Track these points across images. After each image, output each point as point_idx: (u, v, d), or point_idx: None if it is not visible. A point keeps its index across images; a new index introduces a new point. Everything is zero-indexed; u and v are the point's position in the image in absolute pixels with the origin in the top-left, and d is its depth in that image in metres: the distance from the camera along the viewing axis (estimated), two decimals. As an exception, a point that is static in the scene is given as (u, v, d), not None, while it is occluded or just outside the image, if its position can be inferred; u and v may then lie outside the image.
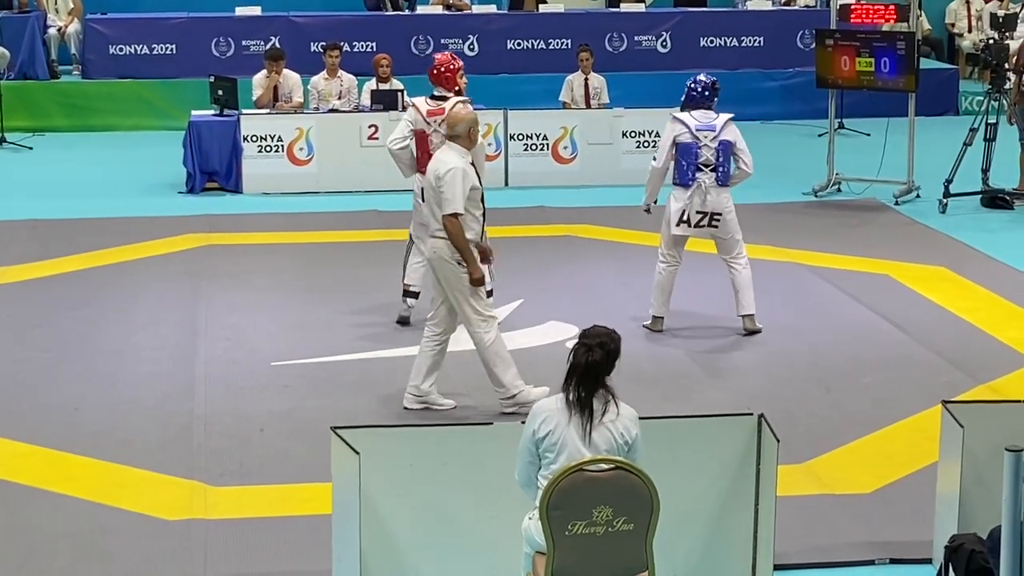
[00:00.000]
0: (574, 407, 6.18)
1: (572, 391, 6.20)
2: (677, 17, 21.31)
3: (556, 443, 6.16)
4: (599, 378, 6.21)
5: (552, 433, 6.17)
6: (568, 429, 6.17)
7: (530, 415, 6.29)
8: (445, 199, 9.20)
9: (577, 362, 6.20)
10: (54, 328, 11.35)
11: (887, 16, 16.19)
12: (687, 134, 11.11)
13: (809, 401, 9.87)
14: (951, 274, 12.89)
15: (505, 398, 9.49)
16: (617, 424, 6.22)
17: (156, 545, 7.72)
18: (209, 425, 9.37)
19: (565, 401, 6.21)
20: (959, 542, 6.91)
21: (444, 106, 10.72)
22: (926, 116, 18.65)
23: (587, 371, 6.18)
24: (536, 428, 6.21)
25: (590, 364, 6.18)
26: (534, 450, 6.24)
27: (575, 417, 6.18)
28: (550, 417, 6.21)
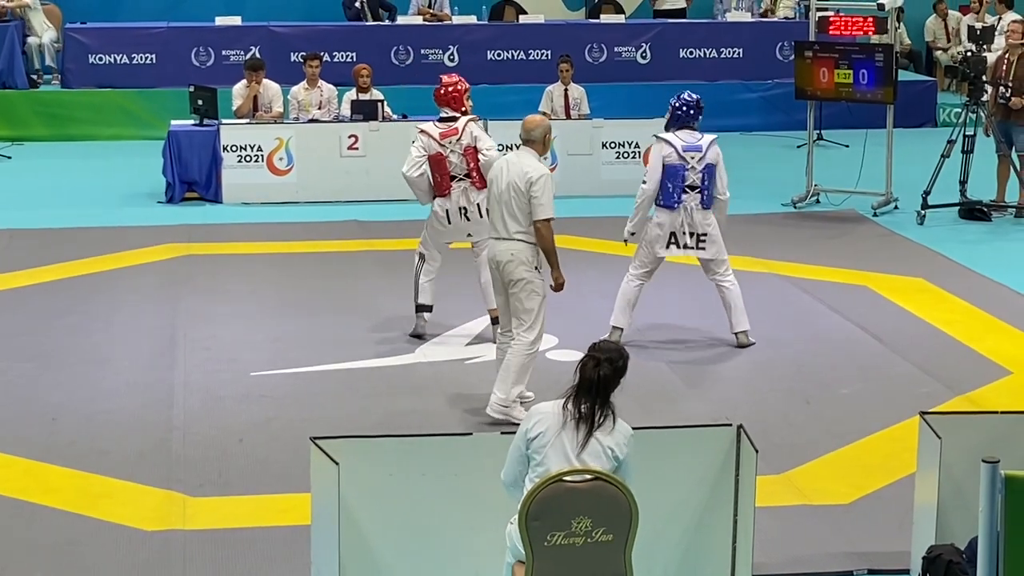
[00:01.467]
0: (573, 416, 6.19)
1: (574, 401, 6.22)
2: (657, 28, 21.36)
3: (545, 445, 6.18)
4: (605, 393, 6.22)
5: (543, 435, 6.19)
6: (560, 436, 6.18)
7: (527, 415, 6.34)
8: (540, 204, 9.31)
9: (586, 375, 6.21)
10: (32, 338, 11.31)
11: (865, 28, 16.25)
12: (674, 155, 10.99)
13: (788, 412, 9.89)
14: (929, 285, 12.93)
15: (501, 404, 9.45)
16: (610, 440, 6.22)
17: (134, 556, 7.70)
18: (188, 435, 9.36)
19: (563, 408, 6.22)
20: (937, 553, 6.93)
21: (456, 126, 10.88)
22: (904, 128, 18.70)
23: (594, 385, 6.19)
24: (529, 428, 6.25)
25: (600, 378, 6.19)
26: (523, 449, 6.26)
27: (571, 426, 6.19)
28: (544, 419, 6.24)
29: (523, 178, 9.36)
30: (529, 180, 9.34)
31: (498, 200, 9.46)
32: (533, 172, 9.39)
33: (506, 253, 9.42)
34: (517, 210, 9.38)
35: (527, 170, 9.40)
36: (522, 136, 9.60)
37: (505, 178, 9.43)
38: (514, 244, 9.41)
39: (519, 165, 9.45)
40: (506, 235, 9.43)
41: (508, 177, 9.42)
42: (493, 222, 9.55)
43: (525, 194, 9.35)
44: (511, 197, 9.39)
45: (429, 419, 9.59)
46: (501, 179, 9.45)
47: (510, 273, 9.43)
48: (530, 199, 9.34)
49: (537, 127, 9.56)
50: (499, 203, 9.45)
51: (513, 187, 9.38)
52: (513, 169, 9.44)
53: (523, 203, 9.37)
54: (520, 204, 9.37)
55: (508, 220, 9.41)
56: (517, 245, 9.41)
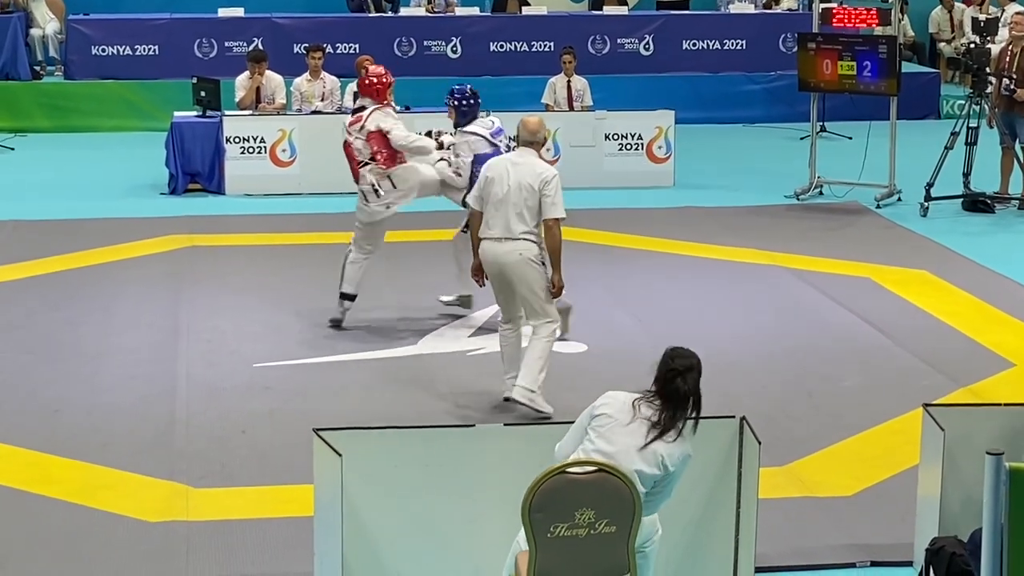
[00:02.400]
0: (644, 417, 6.16)
1: (648, 403, 6.19)
2: (660, 20, 21.34)
3: (605, 427, 6.15)
4: (684, 407, 6.20)
5: (608, 417, 6.17)
6: (626, 426, 6.16)
7: (603, 395, 6.29)
8: (554, 203, 9.31)
9: (671, 393, 6.17)
10: (35, 329, 11.32)
11: (869, 20, 16.22)
12: (485, 143, 11.12)
13: (791, 404, 9.89)
14: (932, 277, 12.92)
15: (528, 390, 9.42)
16: (668, 449, 6.18)
17: (137, 547, 7.70)
18: (190, 427, 9.36)
19: (634, 404, 6.19)
20: (939, 545, 6.93)
21: (362, 115, 11.34)
22: (908, 120, 18.68)
23: (677, 398, 6.18)
24: (597, 404, 6.24)
25: (685, 397, 6.19)
26: (586, 423, 6.25)
27: (637, 424, 6.15)
28: (614, 404, 6.22)
29: (537, 178, 9.32)
30: (544, 180, 9.32)
31: (502, 201, 9.37)
32: (547, 172, 9.38)
33: (514, 254, 9.38)
34: (526, 210, 9.35)
35: (540, 170, 9.38)
36: (525, 138, 9.53)
37: (512, 178, 9.36)
38: (521, 243, 9.37)
39: (529, 166, 9.40)
40: (511, 235, 9.37)
41: (516, 177, 9.35)
42: (494, 223, 9.42)
43: (537, 193, 9.32)
44: (521, 197, 9.33)
45: (432, 411, 9.59)
46: (505, 180, 9.37)
47: (521, 273, 9.40)
48: (542, 198, 9.33)
49: (541, 129, 9.55)
50: (504, 204, 9.37)
51: (525, 187, 9.33)
52: (522, 169, 9.38)
53: (534, 203, 9.33)
54: (531, 204, 9.33)
55: (514, 220, 9.36)
56: (524, 244, 9.37)
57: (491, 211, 9.43)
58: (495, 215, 9.41)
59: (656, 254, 13.68)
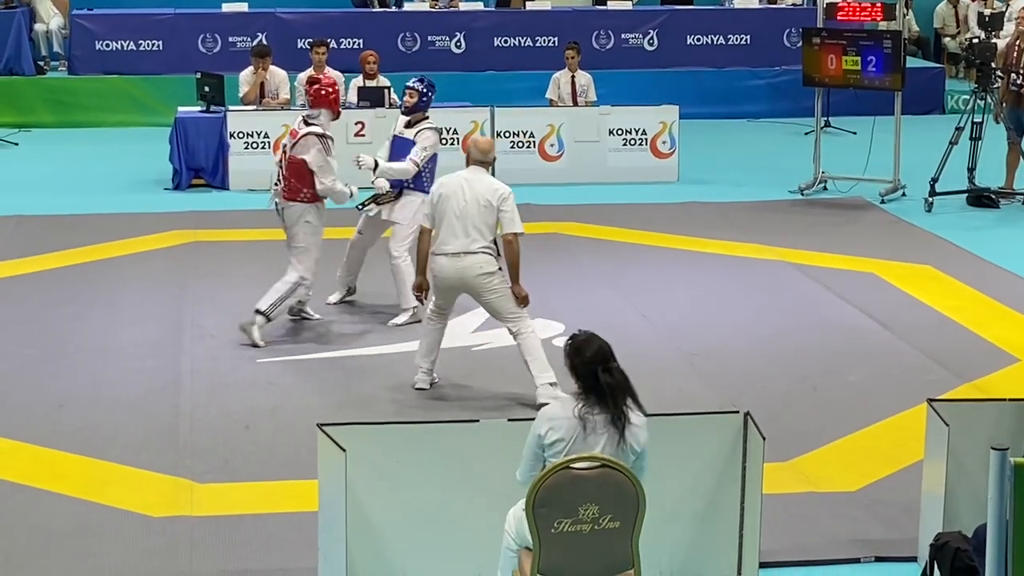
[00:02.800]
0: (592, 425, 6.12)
1: (588, 408, 6.14)
2: (664, 15, 21.33)
3: (563, 452, 6.12)
4: (623, 396, 6.17)
5: (561, 441, 6.13)
6: (580, 442, 6.12)
7: (538, 419, 6.25)
8: (512, 219, 9.59)
9: (604, 385, 6.14)
10: (39, 325, 11.32)
11: (873, 14, 16.21)
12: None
13: (795, 399, 9.88)
14: (937, 272, 12.91)
15: (551, 384, 9.55)
16: (629, 434, 6.19)
17: (141, 542, 7.70)
18: (194, 422, 9.36)
19: (577, 415, 6.14)
20: (944, 540, 6.93)
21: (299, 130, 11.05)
22: (912, 115, 18.69)
23: (614, 392, 6.14)
24: (543, 433, 6.17)
25: (616, 390, 6.15)
26: (540, 453, 6.21)
27: (593, 433, 6.12)
28: (559, 425, 6.16)
29: (494, 194, 9.56)
30: (501, 196, 9.56)
31: (458, 216, 9.54)
32: (503, 189, 9.62)
33: (475, 268, 9.56)
34: (483, 225, 9.55)
35: (496, 187, 9.62)
36: (477, 157, 9.71)
37: (467, 194, 9.54)
38: (480, 257, 9.56)
39: (484, 182, 9.62)
40: (468, 250, 9.55)
41: (472, 194, 9.54)
42: (449, 239, 9.57)
43: (495, 209, 9.54)
44: (478, 212, 9.53)
45: (436, 406, 9.59)
46: (461, 196, 9.55)
47: (482, 286, 9.62)
48: (500, 214, 9.55)
49: (491, 150, 9.89)
50: (460, 219, 9.54)
51: (483, 203, 9.53)
52: (477, 186, 9.57)
53: (491, 218, 9.56)
54: (487, 219, 9.55)
55: (472, 235, 9.54)
56: (483, 258, 9.58)
57: (446, 227, 9.59)
58: (452, 230, 9.57)
59: (660, 249, 13.67)
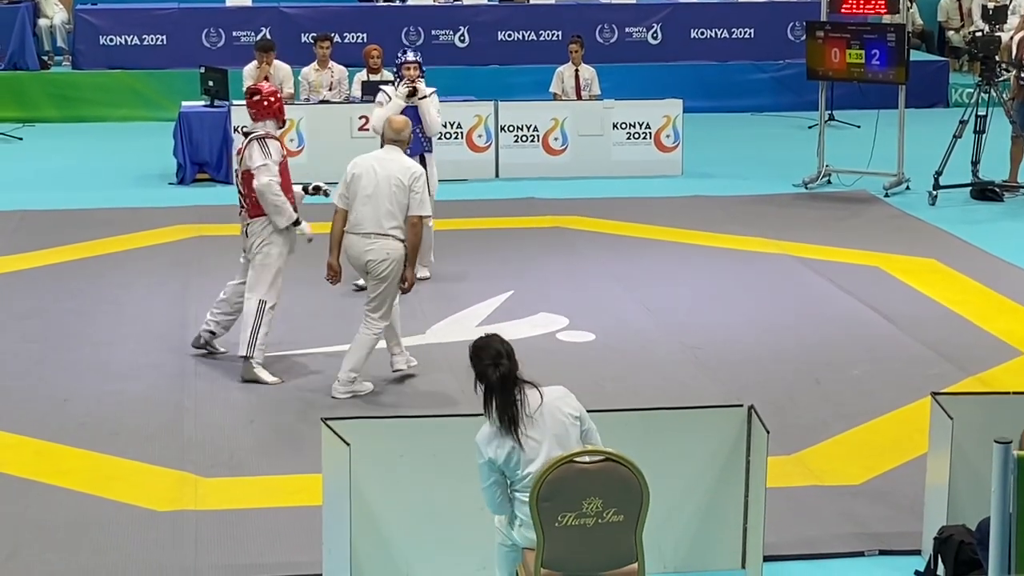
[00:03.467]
0: (508, 422, 6.13)
1: (497, 409, 6.15)
2: (668, 9, 21.32)
3: (519, 460, 6.13)
4: (515, 383, 6.18)
5: (514, 451, 6.13)
6: (524, 444, 6.13)
7: (478, 448, 6.21)
8: (422, 200, 9.41)
9: (491, 382, 6.16)
10: (44, 319, 11.33)
11: (878, 8, 16.20)
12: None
13: (799, 393, 9.88)
14: (941, 266, 12.90)
15: (346, 383, 9.62)
16: (559, 407, 6.21)
17: (146, 536, 7.71)
18: (199, 416, 9.37)
19: (497, 421, 6.15)
20: (948, 533, 6.94)
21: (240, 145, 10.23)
22: (916, 108, 18.67)
23: (504, 385, 6.15)
24: (493, 456, 6.15)
25: (504, 377, 6.15)
26: (501, 478, 6.19)
27: (521, 433, 6.13)
28: (496, 441, 6.16)
29: (406, 173, 9.43)
30: (413, 176, 9.43)
31: (370, 197, 9.42)
32: (415, 168, 9.53)
33: (381, 251, 9.44)
34: (395, 206, 9.41)
35: (409, 166, 9.52)
36: (391, 136, 9.64)
37: (379, 174, 9.43)
38: (389, 242, 9.43)
39: (396, 162, 9.49)
40: (379, 231, 9.43)
41: (384, 172, 9.42)
42: (361, 219, 9.45)
43: (406, 189, 9.39)
44: (391, 192, 9.39)
45: (440, 400, 9.59)
46: (373, 175, 9.44)
47: (382, 270, 9.48)
48: (411, 195, 9.39)
49: (406, 128, 9.68)
50: (371, 199, 9.42)
51: (394, 182, 9.40)
52: (389, 165, 9.46)
53: (404, 199, 9.40)
54: (399, 199, 9.40)
55: (383, 216, 9.41)
56: (392, 243, 9.44)
57: (358, 207, 9.49)
58: (364, 210, 9.47)
59: (664, 243, 13.67)
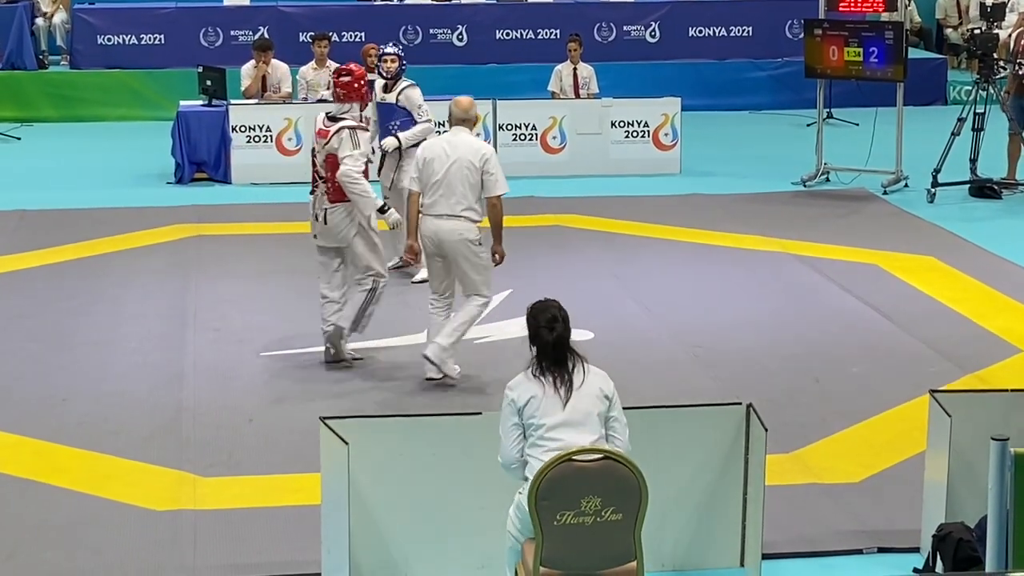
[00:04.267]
0: (551, 383, 6.24)
1: (546, 368, 6.28)
2: (666, 7, 21.32)
3: (538, 408, 6.21)
4: (568, 348, 6.31)
5: (534, 399, 6.23)
6: (548, 399, 6.22)
7: (507, 390, 6.34)
8: (497, 180, 9.50)
9: (545, 342, 6.30)
10: (42, 319, 11.33)
11: (875, 6, 16.20)
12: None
13: (797, 390, 9.88)
14: (939, 263, 12.90)
15: (442, 347, 9.67)
16: (593, 383, 6.30)
17: (145, 536, 7.72)
18: (198, 416, 9.37)
19: (535, 377, 6.27)
20: (947, 531, 6.94)
21: (329, 128, 9.92)
22: (914, 106, 18.68)
23: (556, 346, 6.28)
24: (515, 397, 6.27)
25: (559, 340, 6.29)
26: (517, 419, 6.27)
27: (551, 388, 6.23)
28: (527, 387, 6.28)
29: (477, 155, 9.53)
30: (484, 157, 9.52)
31: (442, 180, 9.53)
32: (486, 149, 9.63)
33: (453, 233, 9.54)
34: (467, 187, 9.52)
35: (479, 147, 9.64)
36: (459, 115, 9.69)
37: (450, 156, 9.53)
38: (461, 223, 9.53)
39: (467, 144, 9.59)
40: (451, 213, 9.54)
41: (455, 155, 9.53)
42: (435, 201, 9.55)
43: (478, 171, 9.48)
44: (462, 175, 9.51)
45: (438, 398, 9.60)
46: (445, 158, 9.54)
47: (456, 252, 9.59)
48: (484, 175, 9.48)
49: (472, 107, 9.75)
50: (443, 183, 9.53)
51: (465, 165, 9.51)
52: (460, 148, 9.55)
53: (475, 180, 9.52)
54: (472, 181, 9.51)
55: (455, 198, 9.53)
56: (464, 224, 9.54)
57: (431, 190, 9.59)
58: (436, 193, 9.57)
59: (662, 241, 13.67)
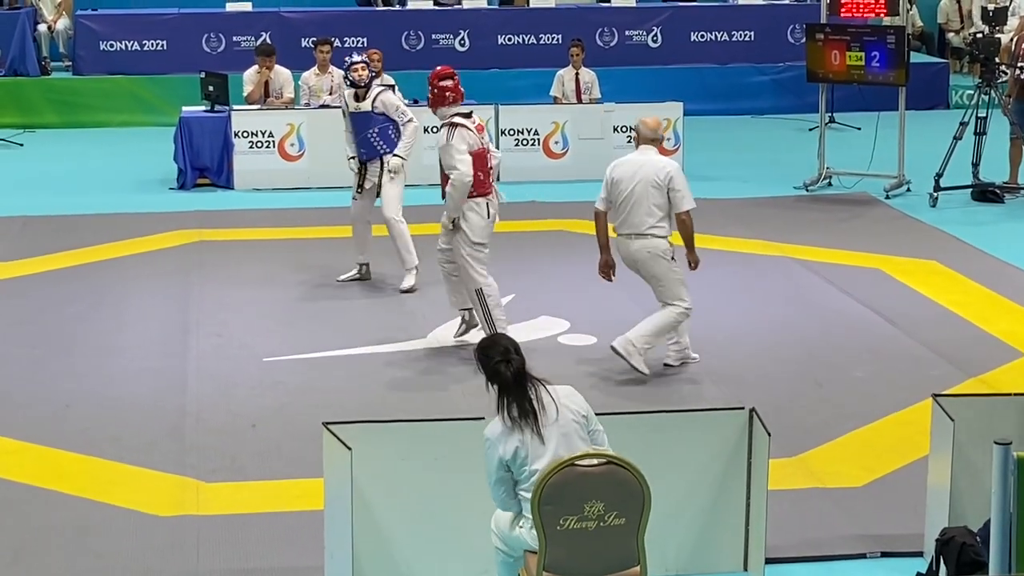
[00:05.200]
0: (522, 419, 6.18)
1: (511, 407, 6.20)
2: (668, 12, 21.33)
3: (527, 456, 6.16)
4: (528, 380, 6.24)
5: (519, 448, 6.16)
6: (531, 442, 6.16)
7: (487, 443, 6.24)
8: (684, 196, 9.82)
9: (505, 379, 6.21)
10: (44, 325, 11.33)
11: (877, 10, 16.20)
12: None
13: (800, 395, 9.88)
14: (942, 267, 12.91)
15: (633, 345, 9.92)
16: (568, 406, 6.27)
17: (148, 541, 7.72)
18: (201, 421, 9.37)
19: (508, 419, 6.19)
20: (950, 535, 6.93)
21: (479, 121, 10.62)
22: (916, 110, 18.66)
23: (517, 382, 6.21)
24: (501, 453, 6.19)
25: (517, 374, 6.22)
26: (505, 474, 6.22)
27: (529, 431, 6.17)
28: (507, 439, 6.19)
29: (662, 173, 9.83)
30: (669, 175, 9.83)
31: (629, 199, 9.83)
32: (671, 167, 9.94)
33: (643, 251, 9.89)
34: (654, 206, 9.82)
35: (664, 165, 9.92)
36: (647, 135, 9.99)
37: (638, 176, 9.83)
38: (650, 241, 9.86)
39: (652, 164, 9.88)
40: (640, 232, 9.86)
41: (642, 175, 9.83)
42: (624, 220, 9.89)
43: (664, 189, 9.81)
44: (647, 193, 9.81)
45: (441, 403, 9.59)
46: (632, 178, 9.84)
47: (651, 268, 9.94)
48: (671, 193, 9.80)
49: (659, 126, 10.15)
50: (630, 202, 9.83)
51: (652, 183, 9.80)
52: (647, 167, 9.85)
53: (661, 199, 9.82)
54: (657, 200, 9.81)
55: (645, 217, 9.84)
56: (653, 241, 9.86)
57: (620, 209, 9.90)
58: (624, 213, 9.87)
59: (665, 246, 13.65)
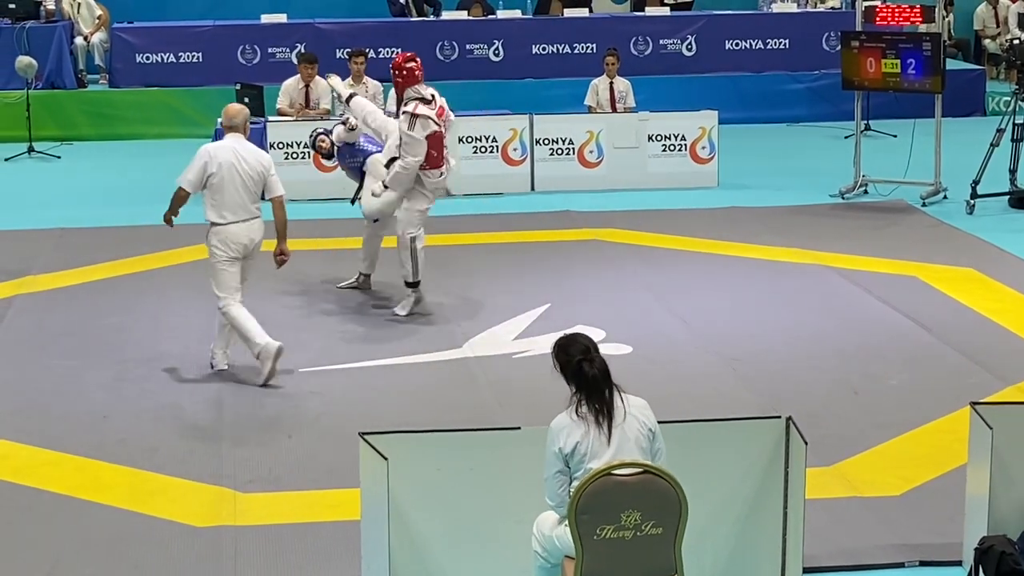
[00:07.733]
0: (594, 419, 6.17)
1: (588, 403, 6.19)
2: (702, 20, 21.30)
3: (586, 453, 6.15)
4: (610, 382, 6.23)
5: (580, 444, 6.16)
6: (593, 439, 6.16)
7: (549, 436, 6.25)
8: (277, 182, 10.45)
9: (588, 378, 6.19)
10: (82, 336, 11.39)
11: (913, 17, 16.15)
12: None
13: (837, 403, 9.85)
14: (979, 275, 12.85)
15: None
16: (637, 416, 6.25)
17: (185, 552, 7.74)
18: (237, 432, 9.40)
19: (577, 414, 6.19)
20: (989, 544, 6.90)
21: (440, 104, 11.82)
22: (953, 117, 18.59)
23: (603, 378, 6.20)
24: (562, 446, 6.19)
25: (603, 371, 6.21)
26: (564, 466, 6.22)
27: (595, 427, 6.17)
28: (570, 430, 6.19)
29: (261, 160, 10.37)
30: (268, 162, 10.41)
31: (239, 185, 10.25)
32: (264, 155, 10.49)
33: (259, 231, 10.43)
34: (256, 191, 10.35)
35: (259, 154, 10.45)
36: (228, 124, 10.47)
37: (241, 164, 10.25)
38: (258, 222, 10.42)
39: (248, 151, 10.35)
40: (249, 216, 10.33)
41: (244, 162, 10.26)
42: (234, 206, 10.27)
43: (263, 175, 10.31)
44: (253, 180, 10.29)
45: (477, 413, 9.58)
46: (237, 165, 10.24)
47: (257, 247, 10.49)
48: (268, 178, 10.33)
49: (239, 114, 10.49)
50: (239, 187, 10.26)
51: (254, 170, 10.28)
52: (245, 154, 10.30)
53: (259, 184, 10.33)
54: (258, 185, 10.33)
55: (250, 202, 10.32)
56: (260, 223, 10.43)
57: (231, 194, 10.28)
58: (235, 198, 10.28)
59: (700, 255, 13.65)
